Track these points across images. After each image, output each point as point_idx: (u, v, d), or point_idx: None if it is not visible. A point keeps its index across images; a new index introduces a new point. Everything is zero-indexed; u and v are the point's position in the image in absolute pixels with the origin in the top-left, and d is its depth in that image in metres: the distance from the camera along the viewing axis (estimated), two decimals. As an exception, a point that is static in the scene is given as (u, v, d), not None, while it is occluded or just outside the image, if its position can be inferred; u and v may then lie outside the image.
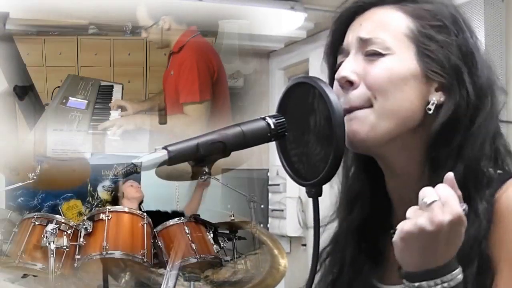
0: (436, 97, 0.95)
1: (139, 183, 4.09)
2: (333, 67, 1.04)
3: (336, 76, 0.98)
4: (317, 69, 1.09)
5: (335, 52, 1.04)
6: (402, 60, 0.95)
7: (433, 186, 0.90)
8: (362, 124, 0.95)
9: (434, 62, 0.95)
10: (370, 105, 0.95)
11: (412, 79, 0.95)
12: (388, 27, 0.97)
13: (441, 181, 0.88)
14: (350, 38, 1.00)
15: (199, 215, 3.43)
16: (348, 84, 0.96)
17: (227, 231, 3.56)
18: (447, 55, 0.95)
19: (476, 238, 0.90)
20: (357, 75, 0.96)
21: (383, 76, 0.95)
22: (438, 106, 0.95)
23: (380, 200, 1.06)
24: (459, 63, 0.95)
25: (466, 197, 0.89)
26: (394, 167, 1.01)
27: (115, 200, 4.00)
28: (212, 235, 3.35)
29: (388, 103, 0.94)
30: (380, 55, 0.96)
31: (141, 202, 4.01)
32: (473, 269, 0.88)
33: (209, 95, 4.21)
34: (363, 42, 0.97)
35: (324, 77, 1.05)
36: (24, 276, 3.10)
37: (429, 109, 0.95)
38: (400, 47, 0.96)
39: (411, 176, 0.99)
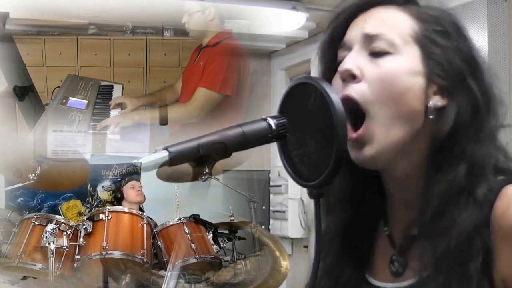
0: (434, 101, 0.95)
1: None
2: (330, 63, 1.03)
3: (340, 68, 0.97)
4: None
5: (334, 48, 1.02)
6: (407, 60, 0.95)
7: (434, 185, 0.91)
8: (370, 147, 0.95)
9: (437, 65, 0.95)
10: (367, 107, 0.94)
11: (416, 79, 0.94)
12: (394, 25, 0.97)
13: (444, 180, 0.89)
14: (354, 33, 0.99)
15: (199, 215, 3.42)
16: (351, 78, 0.95)
17: (226, 231, 3.55)
18: (450, 59, 0.95)
19: (463, 237, 0.89)
20: (360, 70, 0.95)
21: (386, 76, 0.94)
22: (437, 110, 0.95)
23: (370, 199, 1.05)
24: (463, 67, 0.95)
25: (463, 199, 0.90)
26: (396, 173, 1.00)
27: (117, 201, 3.96)
28: (212, 235, 3.34)
29: (391, 107, 0.94)
30: (385, 53, 0.95)
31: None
32: (478, 262, 0.88)
33: (229, 91, 4.25)
34: (369, 38, 0.96)
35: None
36: (24, 278, 3.09)
37: (431, 113, 0.94)
38: (405, 47, 0.95)
39: (411, 179, 0.98)
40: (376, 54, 0.95)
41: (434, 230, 0.92)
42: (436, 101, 0.95)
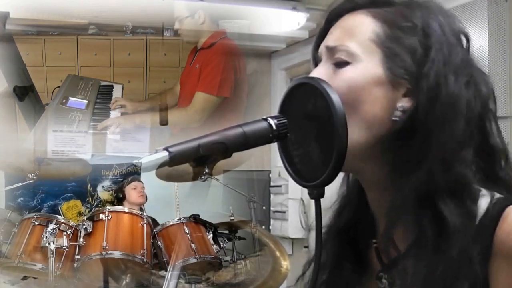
0: (403, 103, 0.92)
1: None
2: None
3: None
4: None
5: (315, 58, 1.03)
6: (366, 68, 0.92)
7: (399, 194, 0.88)
8: None
9: (399, 67, 0.92)
10: None
11: (376, 86, 0.92)
12: (355, 33, 0.95)
13: (407, 188, 0.87)
14: (321, 46, 0.99)
15: (199, 215, 3.42)
16: None
17: (226, 231, 3.55)
18: (414, 57, 0.92)
19: (447, 260, 0.86)
20: None
21: (344, 87, 0.92)
22: (405, 112, 0.91)
23: (364, 207, 1.04)
24: (429, 65, 0.91)
25: (431, 212, 0.87)
26: (368, 180, 0.99)
27: (118, 201, 3.94)
28: (211, 235, 3.34)
29: (352, 116, 0.91)
30: (345, 63, 0.94)
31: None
32: (465, 284, 0.85)
33: (227, 93, 4.25)
34: (330, 51, 0.96)
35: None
36: (24, 278, 3.09)
37: (396, 116, 0.91)
38: (365, 54, 0.93)
39: (381, 186, 0.96)
40: (338, 65, 0.95)
41: (420, 249, 0.89)
42: (403, 103, 0.92)
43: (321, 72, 0.96)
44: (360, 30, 0.95)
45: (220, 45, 4.24)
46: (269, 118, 0.92)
